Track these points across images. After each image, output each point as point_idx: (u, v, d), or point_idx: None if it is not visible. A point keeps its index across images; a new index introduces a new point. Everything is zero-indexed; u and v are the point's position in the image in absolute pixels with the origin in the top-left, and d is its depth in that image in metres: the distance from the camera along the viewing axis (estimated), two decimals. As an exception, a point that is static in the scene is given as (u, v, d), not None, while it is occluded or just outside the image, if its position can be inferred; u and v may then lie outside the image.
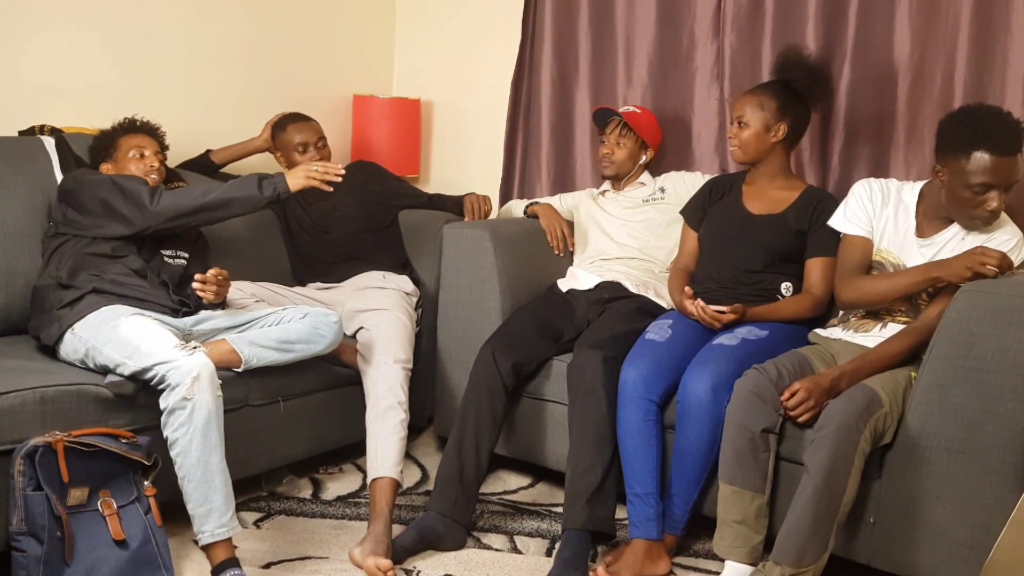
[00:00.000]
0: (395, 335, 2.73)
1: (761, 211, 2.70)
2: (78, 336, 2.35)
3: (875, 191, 2.47)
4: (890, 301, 2.38)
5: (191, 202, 2.52)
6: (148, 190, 2.54)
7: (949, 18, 2.74)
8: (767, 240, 2.66)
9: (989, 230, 2.31)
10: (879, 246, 2.45)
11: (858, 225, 2.47)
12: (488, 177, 3.72)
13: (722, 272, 2.71)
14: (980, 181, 2.20)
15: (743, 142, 2.69)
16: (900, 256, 2.41)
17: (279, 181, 2.53)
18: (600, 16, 3.39)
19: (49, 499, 2.00)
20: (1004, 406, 2.06)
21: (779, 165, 2.73)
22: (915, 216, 2.41)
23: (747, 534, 2.23)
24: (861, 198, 2.48)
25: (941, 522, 2.14)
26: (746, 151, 2.70)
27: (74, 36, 3.05)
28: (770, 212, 2.69)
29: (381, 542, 2.33)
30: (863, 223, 2.46)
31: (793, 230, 2.65)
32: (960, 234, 2.33)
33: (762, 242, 2.67)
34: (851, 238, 2.48)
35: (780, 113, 2.66)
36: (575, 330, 2.78)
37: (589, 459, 2.44)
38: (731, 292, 2.67)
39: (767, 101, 2.67)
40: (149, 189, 2.54)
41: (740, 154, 2.72)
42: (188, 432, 2.13)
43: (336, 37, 3.84)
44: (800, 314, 2.60)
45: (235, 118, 3.43)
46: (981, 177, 2.19)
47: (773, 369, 2.29)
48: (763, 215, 2.69)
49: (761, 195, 2.74)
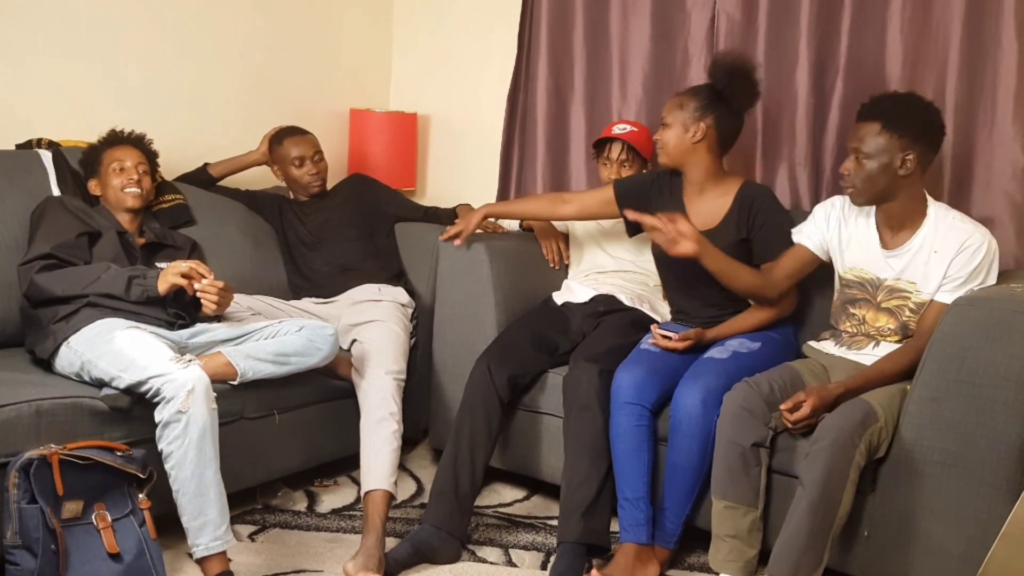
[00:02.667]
0: (388, 346, 2.73)
1: (702, 226, 2.60)
2: (73, 349, 2.35)
3: (835, 211, 2.49)
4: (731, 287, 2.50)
5: (57, 291, 2.44)
6: (41, 252, 2.49)
7: (940, 34, 2.76)
8: None
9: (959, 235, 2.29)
10: (847, 266, 2.45)
11: (808, 239, 2.51)
12: (484, 190, 3.72)
13: (691, 298, 2.70)
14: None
15: (663, 142, 2.64)
16: (870, 271, 2.41)
17: (150, 284, 2.44)
18: (595, 31, 3.41)
19: (44, 512, 2.00)
20: (996, 419, 2.07)
21: (705, 170, 2.64)
22: (875, 228, 2.41)
23: (741, 548, 2.24)
24: (818, 218, 2.51)
25: (934, 535, 2.14)
26: (666, 151, 2.64)
27: (72, 50, 3.06)
28: (709, 227, 2.61)
29: (373, 556, 2.33)
30: (813, 240, 2.51)
31: (734, 241, 2.59)
32: (929, 243, 2.32)
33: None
34: (796, 246, 2.54)
35: (700, 113, 2.58)
36: (570, 343, 2.79)
37: (584, 472, 2.45)
38: (704, 314, 2.66)
39: (687, 101, 2.62)
40: (43, 254, 2.49)
41: (662, 155, 2.67)
42: (183, 445, 2.14)
43: (333, 51, 3.86)
44: (765, 321, 2.58)
45: (232, 132, 3.44)
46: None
47: (764, 383, 2.30)
48: (704, 232, 2.59)
49: (698, 206, 2.67)
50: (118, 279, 2.45)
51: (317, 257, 3.19)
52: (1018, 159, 2.67)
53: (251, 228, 3.21)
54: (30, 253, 2.52)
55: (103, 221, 2.66)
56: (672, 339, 2.51)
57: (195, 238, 2.93)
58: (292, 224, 3.26)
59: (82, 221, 2.61)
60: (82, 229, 2.58)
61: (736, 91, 2.60)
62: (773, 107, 3.06)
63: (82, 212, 2.64)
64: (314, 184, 3.24)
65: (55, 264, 2.50)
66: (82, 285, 2.44)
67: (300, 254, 3.23)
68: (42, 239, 2.53)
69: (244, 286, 3.00)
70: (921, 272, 2.32)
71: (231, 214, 3.19)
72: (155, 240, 2.75)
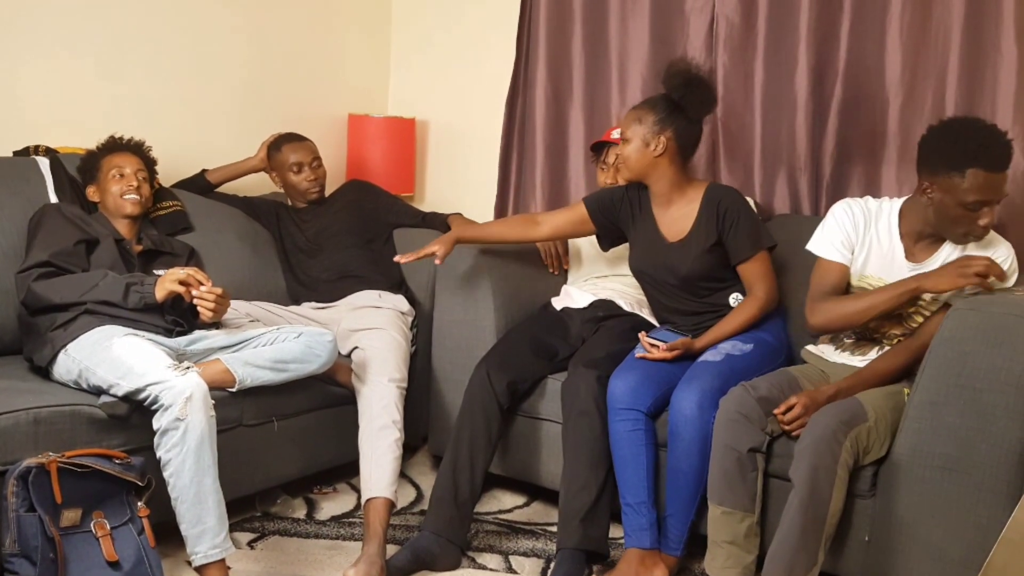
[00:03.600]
0: (390, 354, 2.73)
1: (673, 236, 2.62)
2: (71, 357, 2.34)
3: (857, 214, 2.40)
4: (864, 321, 2.32)
5: (55, 299, 2.44)
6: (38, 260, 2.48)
7: (940, 38, 2.77)
8: (688, 269, 2.60)
9: (984, 248, 2.30)
10: (863, 272, 2.40)
11: (837, 251, 2.41)
12: (483, 195, 3.73)
13: (671, 311, 2.70)
14: (975, 199, 2.17)
15: (624, 158, 2.62)
16: (888, 281, 2.36)
17: (147, 291, 2.43)
18: (594, 36, 3.41)
19: (42, 520, 2.00)
20: (996, 424, 2.06)
21: (669, 181, 2.61)
22: (899, 238, 2.36)
23: (738, 554, 2.23)
24: (843, 223, 2.40)
25: (934, 540, 2.13)
26: (628, 166, 2.62)
27: (70, 56, 3.06)
28: (680, 237, 2.61)
29: (375, 563, 2.33)
30: (842, 249, 2.40)
31: (706, 247, 2.58)
32: (955, 255, 2.30)
33: (683, 272, 2.62)
34: (827, 263, 2.42)
35: (660, 126, 2.56)
36: (569, 348, 2.78)
37: (583, 478, 2.44)
38: (688, 322, 2.66)
39: (645, 115, 2.59)
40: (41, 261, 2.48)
41: (624, 170, 2.66)
42: (181, 453, 2.13)
43: (331, 56, 3.86)
44: (751, 320, 2.56)
45: (231, 138, 3.44)
46: (976, 195, 2.16)
47: (761, 387, 2.29)
48: (676, 242, 2.61)
49: (667, 218, 2.66)
50: (116, 286, 2.44)
51: (315, 264, 3.19)
52: (1018, 163, 2.67)
53: (249, 235, 3.21)
54: (28, 261, 2.52)
55: (101, 228, 2.65)
56: (660, 348, 2.51)
57: (193, 245, 2.92)
58: (290, 231, 3.26)
59: (80, 228, 2.60)
60: (80, 236, 2.58)
61: (693, 99, 2.56)
62: (772, 111, 3.06)
63: (80, 219, 2.64)
64: (312, 190, 3.24)
65: (53, 272, 2.49)
66: (80, 292, 2.43)
67: (298, 261, 3.23)
68: (40, 247, 2.53)
69: (242, 292, 2.99)
70: None
71: (229, 221, 3.18)
72: (153, 247, 2.75)
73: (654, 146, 2.57)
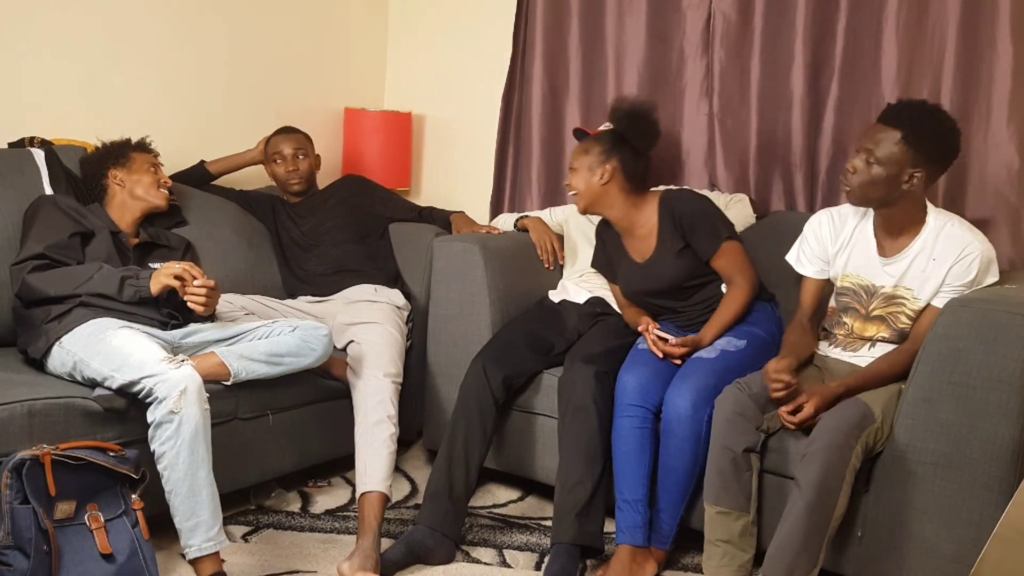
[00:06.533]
0: (385, 349, 2.73)
1: (643, 257, 2.69)
2: (66, 349, 2.34)
3: (824, 224, 2.47)
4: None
5: (50, 291, 2.44)
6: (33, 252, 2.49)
7: (936, 37, 2.77)
8: (669, 280, 2.65)
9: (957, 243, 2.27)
10: (845, 271, 2.44)
11: (810, 265, 2.50)
12: (479, 190, 3.73)
13: (674, 309, 2.71)
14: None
15: (573, 187, 2.68)
16: (867, 278, 2.39)
17: (142, 284, 2.44)
18: (591, 32, 3.41)
19: (36, 513, 1.99)
20: (989, 421, 2.07)
21: (622, 207, 2.67)
22: (873, 235, 2.39)
23: (734, 553, 2.24)
24: (809, 237, 2.50)
25: (928, 537, 2.14)
26: (579, 195, 2.68)
27: (64, 48, 3.05)
28: (648, 255, 2.67)
29: (370, 557, 2.33)
30: (815, 263, 2.49)
31: (675, 253, 2.62)
32: (927, 250, 2.30)
33: (665, 285, 2.66)
34: (803, 277, 2.53)
35: (604, 156, 2.63)
36: (566, 343, 2.79)
37: (579, 474, 2.45)
38: (679, 319, 2.69)
39: (591, 147, 2.67)
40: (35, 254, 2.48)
41: (576, 200, 2.71)
42: (175, 445, 2.13)
43: (328, 50, 3.85)
44: (743, 306, 2.59)
45: (227, 131, 3.44)
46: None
47: (756, 384, 2.30)
48: (647, 261, 2.67)
49: (634, 240, 2.71)
50: (111, 279, 2.44)
51: (311, 258, 3.19)
52: (1013, 161, 2.68)
53: (245, 228, 3.20)
54: (23, 253, 2.51)
55: (96, 220, 2.65)
56: (669, 341, 2.52)
57: (189, 238, 2.92)
58: (286, 225, 3.25)
59: (75, 221, 2.60)
60: (75, 229, 2.57)
61: (635, 133, 2.66)
62: (768, 108, 3.07)
63: (75, 211, 2.64)
64: (291, 181, 3.23)
65: (48, 264, 2.49)
66: (75, 285, 2.43)
67: (294, 255, 3.22)
68: (35, 239, 2.53)
69: (238, 286, 2.99)
70: (919, 279, 2.31)
71: (224, 214, 3.18)
72: (149, 240, 2.75)
73: (600, 174, 2.64)
